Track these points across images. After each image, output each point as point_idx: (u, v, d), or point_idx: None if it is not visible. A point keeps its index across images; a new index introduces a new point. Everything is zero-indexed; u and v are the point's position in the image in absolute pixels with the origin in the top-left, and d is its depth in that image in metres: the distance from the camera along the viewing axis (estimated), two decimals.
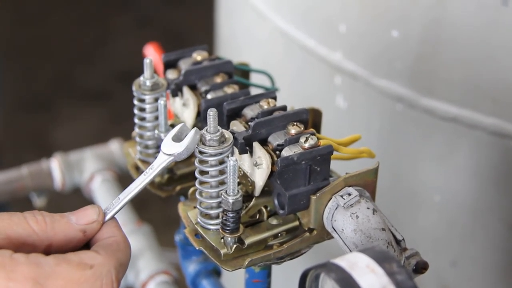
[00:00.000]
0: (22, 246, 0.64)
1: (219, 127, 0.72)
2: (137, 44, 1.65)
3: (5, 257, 0.61)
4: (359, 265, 0.62)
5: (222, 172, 0.73)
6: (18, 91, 2.76)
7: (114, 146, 1.27)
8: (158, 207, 2.19)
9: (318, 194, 0.73)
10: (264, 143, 0.74)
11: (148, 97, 0.82)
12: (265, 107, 0.77)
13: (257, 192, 0.76)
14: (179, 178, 0.85)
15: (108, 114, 2.67)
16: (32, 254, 0.63)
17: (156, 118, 0.83)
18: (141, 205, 1.90)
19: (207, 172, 0.73)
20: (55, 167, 1.24)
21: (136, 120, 0.84)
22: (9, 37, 2.99)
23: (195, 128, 0.71)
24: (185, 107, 0.84)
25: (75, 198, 1.29)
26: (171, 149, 0.71)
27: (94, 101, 2.73)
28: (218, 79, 0.84)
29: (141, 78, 0.83)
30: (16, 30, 3.03)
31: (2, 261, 0.61)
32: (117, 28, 3.04)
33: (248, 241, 0.75)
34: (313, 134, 0.74)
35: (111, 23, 3.06)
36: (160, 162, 0.71)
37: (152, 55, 1.24)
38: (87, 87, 2.80)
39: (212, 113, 0.71)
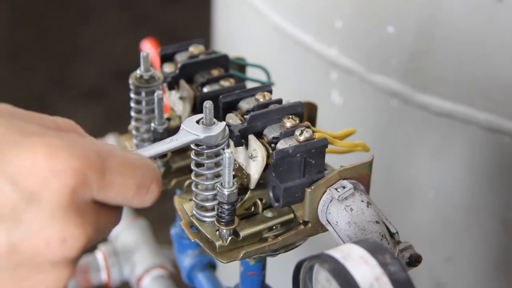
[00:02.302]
0: None
1: (215, 119, 0.72)
2: (134, 42, 1.66)
3: (65, 133, 0.57)
4: (353, 256, 0.62)
5: (217, 165, 0.74)
6: (14, 88, 2.76)
7: (111, 141, 1.27)
8: (155, 203, 2.19)
9: (312, 187, 0.74)
10: (259, 136, 0.75)
11: (144, 90, 0.83)
12: (261, 100, 0.77)
13: (252, 184, 0.76)
14: (175, 171, 0.86)
15: (104, 112, 2.67)
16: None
17: (153, 111, 0.84)
18: None
19: (202, 165, 0.74)
20: None
21: (132, 113, 0.85)
22: (6, 35, 2.99)
23: (225, 122, 0.72)
24: (181, 100, 0.85)
25: None
26: (198, 130, 0.71)
27: (90, 99, 2.74)
28: (215, 73, 0.85)
29: (138, 71, 0.83)
30: (12, 28, 3.03)
31: (64, 134, 0.57)
32: (114, 26, 3.04)
33: (243, 233, 0.75)
34: (308, 127, 0.74)
35: (108, 21, 3.07)
36: (187, 139, 0.70)
37: (148, 50, 1.24)
38: (84, 85, 2.81)
39: (208, 106, 0.71)
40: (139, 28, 3.02)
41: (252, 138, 0.74)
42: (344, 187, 0.74)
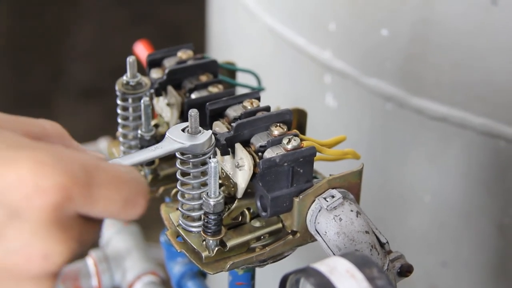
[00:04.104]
0: None
1: (200, 127, 0.71)
2: (133, 41, 1.64)
3: (52, 145, 0.56)
4: (339, 270, 0.61)
5: (203, 174, 0.72)
6: (13, 87, 2.75)
7: (103, 145, 1.26)
8: (150, 203, 2.18)
9: (301, 196, 0.72)
10: (246, 144, 0.73)
11: (131, 97, 0.82)
12: (248, 107, 0.76)
13: (239, 194, 0.74)
14: (163, 179, 0.84)
15: (103, 111, 2.66)
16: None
17: (140, 117, 0.82)
18: None
19: (188, 174, 0.72)
20: None
21: (119, 120, 0.84)
22: (5, 32, 2.98)
23: (211, 131, 0.71)
24: (169, 106, 0.83)
25: None
26: (183, 138, 0.69)
27: (90, 98, 2.73)
28: (203, 79, 0.83)
29: (124, 77, 0.82)
30: (11, 26, 3.02)
31: (51, 148, 0.55)
32: (113, 25, 3.03)
33: (230, 243, 0.74)
34: (296, 135, 0.73)
35: (107, 19, 3.05)
36: (171, 147, 0.69)
37: (141, 52, 1.23)
38: (83, 83, 2.80)
39: (193, 114, 0.70)
40: (138, 26, 3.00)
41: (238, 147, 0.73)
42: (333, 197, 0.73)
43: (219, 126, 0.75)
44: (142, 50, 1.24)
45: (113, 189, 0.56)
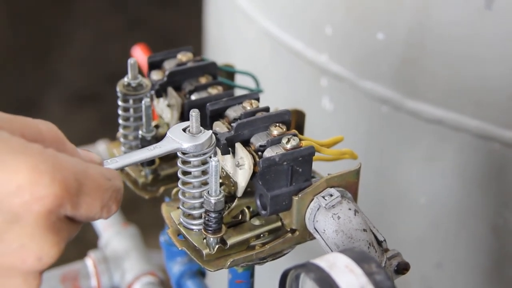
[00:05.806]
0: None
1: (201, 127, 0.72)
2: (128, 46, 1.66)
3: (46, 150, 0.60)
4: (338, 265, 0.62)
5: (204, 173, 0.73)
6: (8, 92, 2.76)
7: (102, 147, 1.27)
8: (148, 209, 2.19)
9: (300, 195, 0.74)
10: (246, 144, 0.75)
11: (132, 98, 0.83)
12: (248, 108, 0.77)
13: (239, 192, 0.76)
14: (163, 179, 0.86)
15: (98, 116, 2.67)
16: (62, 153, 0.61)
17: (141, 118, 0.84)
18: (130, 206, 1.90)
19: (189, 173, 0.74)
20: None
21: (120, 121, 0.85)
22: (0, 37, 2.99)
23: (211, 131, 0.72)
24: (169, 108, 0.85)
25: None
26: (184, 139, 0.71)
27: (84, 103, 2.73)
28: (203, 80, 0.85)
29: (125, 78, 0.83)
30: (6, 31, 3.02)
31: (46, 154, 0.59)
32: (108, 30, 3.04)
33: (230, 241, 0.75)
34: (295, 135, 0.74)
35: (103, 25, 3.07)
36: (169, 147, 0.71)
37: (139, 56, 1.24)
38: (78, 88, 2.80)
39: (194, 114, 0.71)
40: (133, 32, 3.02)
41: (239, 146, 0.74)
42: (331, 195, 0.74)
43: (219, 126, 0.77)
44: (140, 53, 1.26)
45: (95, 197, 0.61)
